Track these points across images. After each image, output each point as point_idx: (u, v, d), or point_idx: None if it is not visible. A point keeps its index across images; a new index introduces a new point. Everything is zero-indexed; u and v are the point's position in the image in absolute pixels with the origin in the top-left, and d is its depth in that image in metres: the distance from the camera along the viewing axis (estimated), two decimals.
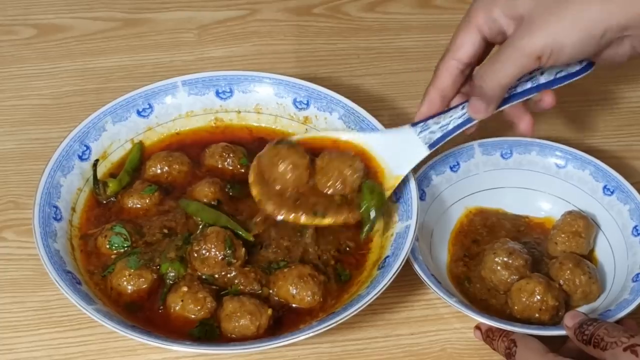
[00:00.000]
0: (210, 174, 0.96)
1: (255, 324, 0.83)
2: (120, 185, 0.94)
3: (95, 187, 0.93)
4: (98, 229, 0.91)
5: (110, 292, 0.86)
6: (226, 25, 1.21)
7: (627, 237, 0.92)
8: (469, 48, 0.86)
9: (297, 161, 0.89)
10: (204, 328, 0.84)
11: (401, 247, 0.86)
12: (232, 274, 0.87)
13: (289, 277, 0.86)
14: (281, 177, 0.89)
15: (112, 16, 1.22)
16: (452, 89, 0.89)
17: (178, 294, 0.85)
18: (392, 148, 0.91)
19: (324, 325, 0.80)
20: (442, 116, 0.90)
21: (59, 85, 1.12)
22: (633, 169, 1.04)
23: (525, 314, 0.86)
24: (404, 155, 0.90)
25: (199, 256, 0.87)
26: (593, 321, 0.79)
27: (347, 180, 0.89)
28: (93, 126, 0.95)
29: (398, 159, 0.90)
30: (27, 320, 0.90)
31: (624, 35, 0.79)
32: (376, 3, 1.25)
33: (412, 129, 0.90)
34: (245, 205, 0.92)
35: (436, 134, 0.89)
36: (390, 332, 0.90)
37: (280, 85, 1.00)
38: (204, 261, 0.87)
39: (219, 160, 0.97)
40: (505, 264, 0.89)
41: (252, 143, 0.99)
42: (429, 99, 0.89)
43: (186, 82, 0.99)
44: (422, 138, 0.90)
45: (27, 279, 0.93)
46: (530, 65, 0.81)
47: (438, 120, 0.89)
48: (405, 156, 0.90)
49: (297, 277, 0.86)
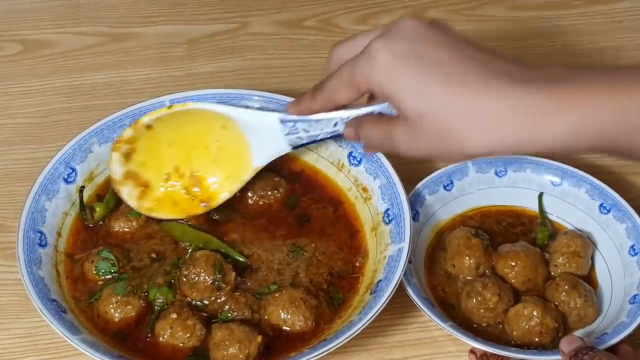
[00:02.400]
0: None
1: (244, 352, 0.81)
2: (107, 208, 0.92)
3: (82, 212, 0.91)
4: (85, 254, 0.89)
5: (97, 320, 0.84)
6: (216, 40, 1.19)
7: (624, 257, 0.90)
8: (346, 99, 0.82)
9: None
10: (197, 358, 0.82)
11: (394, 270, 0.84)
12: (222, 299, 0.85)
13: (280, 301, 0.85)
14: None
15: (99, 31, 1.20)
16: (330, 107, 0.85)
17: (167, 321, 0.83)
18: (257, 132, 0.90)
19: (315, 353, 0.78)
20: (313, 125, 0.88)
21: (46, 103, 1.11)
22: (630, 184, 1.02)
23: (525, 339, 0.85)
24: (265, 145, 0.90)
25: (187, 281, 0.85)
26: (589, 349, 0.78)
27: None
28: (79, 148, 0.93)
29: (260, 145, 0.90)
30: (13, 348, 0.88)
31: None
32: (368, 15, 1.23)
33: (280, 126, 0.89)
34: (227, 228, 0.91)
35: (303, 141, 0.89)
36: (383, 356, 0.88)
37: (270, 103, 0.97)
38: (192, 286, 0.85)
39: None
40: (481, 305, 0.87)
41: None
42: (303, 104, 0.86)
43: (174, 101, 0.97)
44: (287, 140, 0.89)
45: (12, 305, 0.91)
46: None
47: (308, 129, 0.88)
48: (266, 146, 0.90)
49: (288, 301, 0.84)
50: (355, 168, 0.94)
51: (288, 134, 0.89)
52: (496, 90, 0.72)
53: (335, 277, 0.89)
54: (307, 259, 0.89)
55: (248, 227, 0.92)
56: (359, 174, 0.94)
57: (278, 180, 0.95)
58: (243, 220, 0.93)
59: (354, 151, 0.95)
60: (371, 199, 0.92)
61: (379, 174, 0.92)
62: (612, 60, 0.96)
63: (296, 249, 0.90)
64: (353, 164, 0.95)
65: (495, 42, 1.19)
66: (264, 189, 0.94)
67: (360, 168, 0.94)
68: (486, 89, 0.72)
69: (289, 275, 0.88)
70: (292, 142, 0.89)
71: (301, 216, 0.94)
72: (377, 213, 0.91)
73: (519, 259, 0.89)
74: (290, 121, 0.89)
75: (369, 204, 0.92)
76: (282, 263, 0.89)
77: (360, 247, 0.91)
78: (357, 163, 0.94)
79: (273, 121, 0.89)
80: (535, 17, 1.23)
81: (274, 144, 0.90)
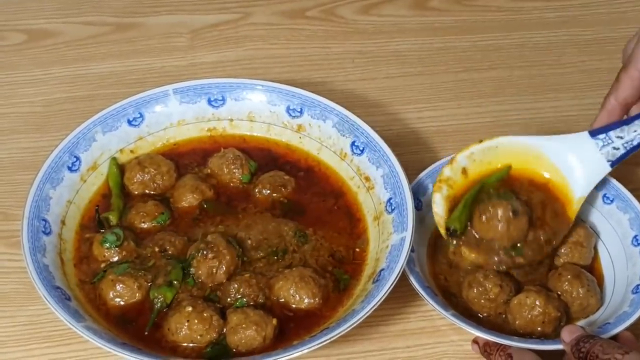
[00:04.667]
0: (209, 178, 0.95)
1: (261, 335, 0.82)
2: (119, 212, 0.92)
3: (100, 229, 0.91)
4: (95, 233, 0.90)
5: (98, 303, 0.85)
6: (218, 29, 1.19)
7: (626, 247, 0.90)
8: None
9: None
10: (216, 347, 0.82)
11: (396, 259, 0.84)
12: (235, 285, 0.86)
13: (290, 277, 0.85)
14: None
15: (103, 20, 1.20)
16: (634, 97, 0.86)
17: (183, 315, 0.82)
18: (570, 159, 0.85)
19: (317, 341, 0.79)
20: (625, 129, 0.84)
21: (49, 92, 1.11)
22: (634, 175, 1.02)
23: (528, 328, 0.85)
24: (582, 171, 0.84)
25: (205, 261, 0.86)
26: (590, 338, 0.78)
27: None
28: (83, 136, 0.93)
29: (575, 173, 0.84)
30: (17, 335, 0.88)
31: None
32: (371, 5, 1.23)
33: (592, 141, 0.84)
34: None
35: (620, 151, 0.84)
36: (385, 345, 0.88)
37: (273, 92, 0.98)
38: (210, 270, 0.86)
39: (224, 166, 0.95)
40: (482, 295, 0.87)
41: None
42: (608, 108, 0.86)
43: (178, 90, 0.98)
44: (605, 154, 0.84)
45: (16, 293, 0.91)
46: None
47: (621, 135, 0.84)
48: (584, 172, 0.84)
49: (298, 277, 0.85)
50: (358, 157, 0.95)
51: (602, 146, 0.85)
52: None
53: (337, 260, 0.89)
54: (312, 242, 0.90)
55: (257, 217, 0.93)
56: (361, 163, 0.94)
57: (288, 179, 0.96)
58: (254, 210, 0.94)
59: (356, 140, 0.95)
60: (374, 188, 0.92)
61: (382, 163, 0.92)
62: (616, 51, 0.96)
63: (301, 235, 0.90)
64: (356, 153, 0.95)
65: (498, 32, 1.19)
66: (272, 184, 0.95)
67: (363, 157, 0.94)
68: None
69: (296, 257, 0.89)
70: (609, 156, 0.84)
71: (302, 207, 0.94)
72: (380, 202, 0.91)
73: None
74: (600, 132, 0.84)
75: (371, 193, 0.92)
76: (288, 246, 0.90)
77: (362, 235, 0.91)
78: (359, 152, 0.94)
79: (583, 139, 0.85)
80: (538, 8, 1.23)
81: (591, 165, 0.85)
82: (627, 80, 0.85)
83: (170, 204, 0.94)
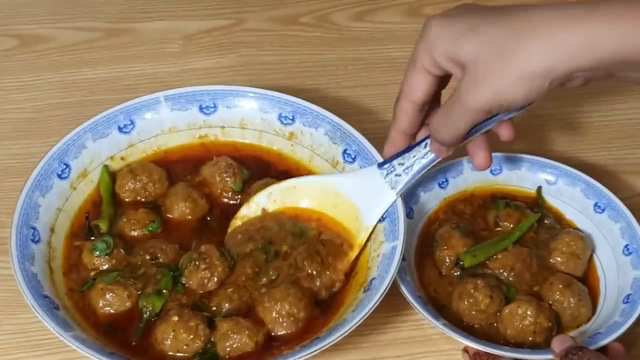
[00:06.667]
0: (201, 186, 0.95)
1: (253, 340, 0.81)
2: (109, 220, 0.91)
3: (89, 237, 0.90)
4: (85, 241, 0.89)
5: (87, 311, 0.84)
6: (212, 35, 1.19)
7: (617, 257, 0.90)
8: (421, 89, 0.82)
9: None
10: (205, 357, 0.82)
11: (387, 269, 0.84)
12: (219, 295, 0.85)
13: (272, 300, 0.84)
14: None
15: (96, 26, 1.20)
16: (412, 127, 0.86)
17: (169, 324, 0.82)
18: (362, 192, 0.89)
19: (308, 351, 0.78)
20: (405, 156, 0.87)
21: (40, 98, 1.10)
22: (625, 184, 1.02)
23: (519, 338, 0.85)
24: (372, 201, 0.88)
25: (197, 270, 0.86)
26: (579, 349, 0.78)
27: None
28: (72, 143, 0.93)
29: (368, 204, 0.88)
30: (5, 344, 0.88)
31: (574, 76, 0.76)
32: (364, 12, 1.23)
33: (378, 172, 0.88)
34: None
35: (402, 178, 0.87)
36: (376, 355, 0.88)
37: (265, 100, 0.98)
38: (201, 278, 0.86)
39: (216, 174, 0.95)
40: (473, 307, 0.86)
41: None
42: (391, 140, 0.87)
43: (169, 97, 0.97)
44: (389, 182, 0.88)
45: (5, 301, 0.91)
46: (481, 118, 0.78)
47: (402, 161, 0.87)
48: (374, 202, 0.88)
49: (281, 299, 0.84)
50: (350, 165, 0.94)
51: (386, 175, 0.88)
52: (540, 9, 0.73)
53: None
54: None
55: None
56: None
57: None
58: None
59: (348, 148, 0.94)
60: None
61: None
62: None
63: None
64: (347, 161, 0.94)
65: None
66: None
67: (355, 165, 0.94)
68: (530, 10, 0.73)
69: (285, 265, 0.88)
70: (392, 183, 0.87)
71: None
72: None
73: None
74: (386, 162, 0.88)
75: None
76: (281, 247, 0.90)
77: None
78: (351, 160, 0.94)
79: (372, 171, 0.89)
80: None
81: (378, 196, 0.88)
82: (400, 114, 0.85)
83: (161, 212, 0.94)
